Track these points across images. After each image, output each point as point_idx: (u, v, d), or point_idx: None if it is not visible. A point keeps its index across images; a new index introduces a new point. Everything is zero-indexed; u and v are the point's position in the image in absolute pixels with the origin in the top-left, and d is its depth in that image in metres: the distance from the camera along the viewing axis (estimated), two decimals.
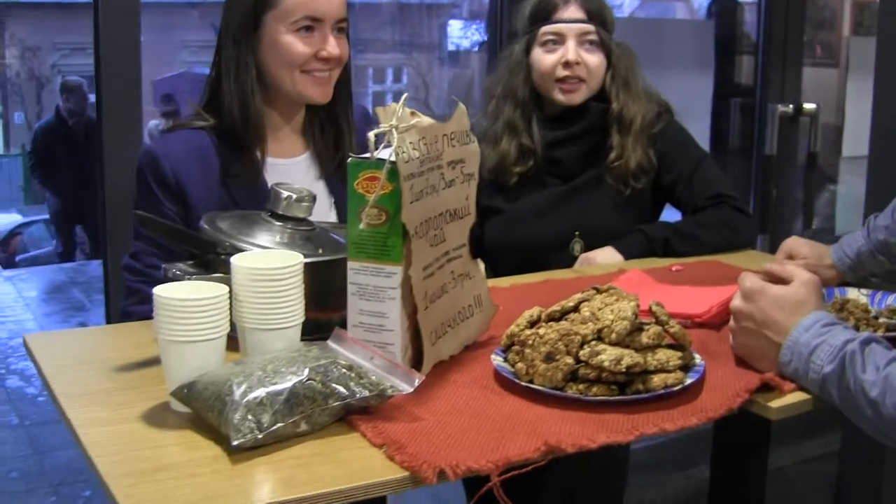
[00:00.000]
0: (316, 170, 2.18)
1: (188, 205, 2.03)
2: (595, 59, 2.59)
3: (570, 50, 2.56)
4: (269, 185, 1.86)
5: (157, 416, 1.42)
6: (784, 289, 1.59)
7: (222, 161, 2.07)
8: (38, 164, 8.81)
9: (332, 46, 2.07)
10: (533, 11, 2.63)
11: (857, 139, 4.87)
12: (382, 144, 1.49)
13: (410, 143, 1.51)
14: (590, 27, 2.57)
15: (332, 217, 2.16)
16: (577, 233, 2.59)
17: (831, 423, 3.98)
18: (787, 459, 2.36)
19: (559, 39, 2.58)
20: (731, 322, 1.66)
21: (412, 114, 1.55)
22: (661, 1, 4.59)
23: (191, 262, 1.70)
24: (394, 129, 1.48)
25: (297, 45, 2.05)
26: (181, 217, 2.01)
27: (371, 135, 1.48)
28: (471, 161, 1.72)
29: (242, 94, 2.07)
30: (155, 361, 1.60)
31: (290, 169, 2.13)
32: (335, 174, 2.17)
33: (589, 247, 2.55)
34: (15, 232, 11.72)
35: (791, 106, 4.61)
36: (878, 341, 1.48)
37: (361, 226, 1.50)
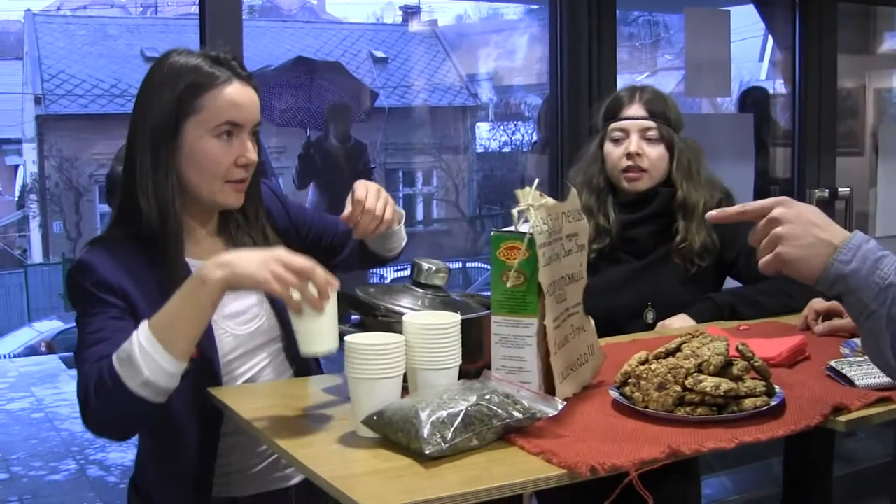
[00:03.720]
0: None
1: (131, 302, 2.01)
2: (655, 152, 2.93)
3: (633, 143, 2.91)
4: None
5: (350, 441, 1.77)
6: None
7: (148, 270, 2.05)
8: None
9: (251, 153, 2.09)
10: (605, 111, 3.01)
11: (889, 220, 5.22)
12: (522, 219, 1.86)
13: (541, 218, 1.88)
14: (651, 123, 2.93)
15: (266, 303, 2.23)
16: (649, 303, 2.93)
17: None
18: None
19: (625, 134, 2.94)
20: (777, 229, 1.69)
21: (540, 195, 1.92)
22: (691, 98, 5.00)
23: (348, 324, 2.05)
24: (531, 207, 1.86)
25: (218, 152, 2.06)
26: (127, 311, 2.00)
27: (514, 211, 1.85)
28: (582, 234, 2.09)
29: (163, 200, 2.04)
30: (321, 406, 2.00)
31: None
32: None
33: (659, 316, 2.87)
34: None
35: (827, 191, 4.96)
36: None
37: (507, 286, 1.86)
